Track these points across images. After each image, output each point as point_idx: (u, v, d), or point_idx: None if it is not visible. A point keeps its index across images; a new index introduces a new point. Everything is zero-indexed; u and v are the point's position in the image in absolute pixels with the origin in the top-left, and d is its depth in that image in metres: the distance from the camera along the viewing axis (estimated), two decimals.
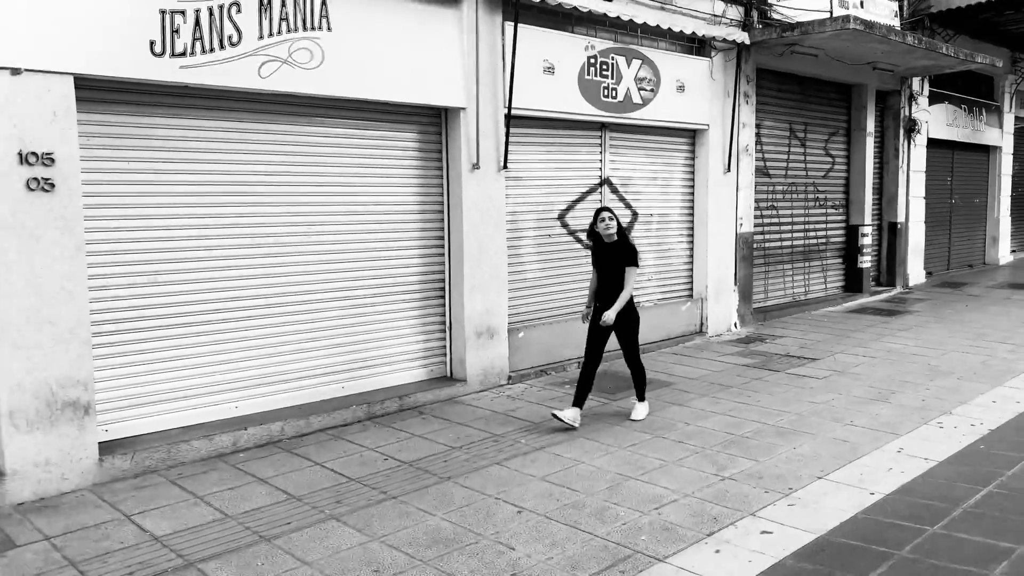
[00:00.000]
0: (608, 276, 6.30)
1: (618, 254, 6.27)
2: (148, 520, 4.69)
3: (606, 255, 6.31)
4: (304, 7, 5.99)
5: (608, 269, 6.30)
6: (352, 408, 6.50)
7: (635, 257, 6.32)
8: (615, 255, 6.27)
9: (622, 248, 6.28)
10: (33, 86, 4.86)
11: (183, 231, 5.82)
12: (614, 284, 6.27)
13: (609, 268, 6.30)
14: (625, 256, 6.27)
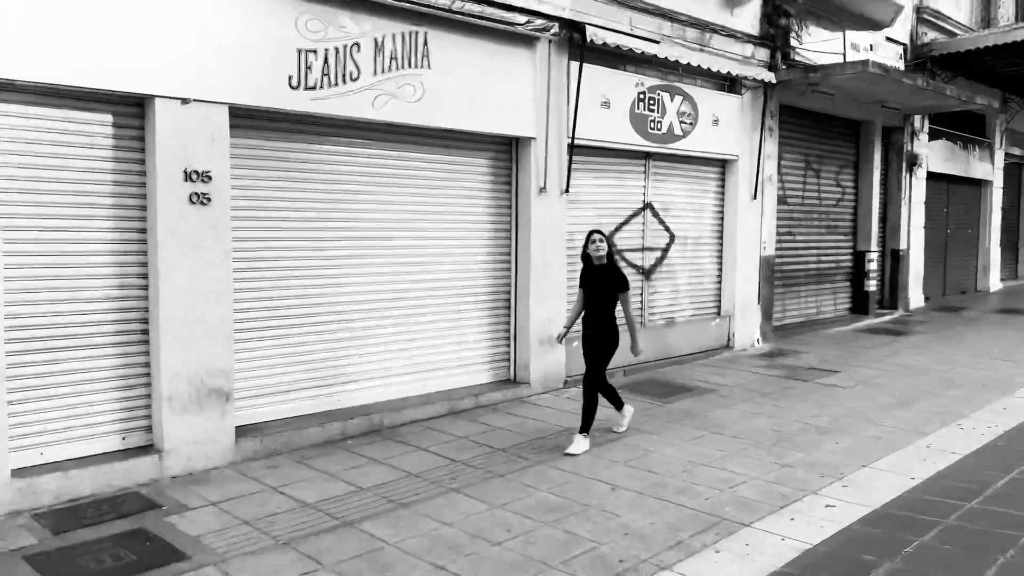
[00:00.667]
0: (596, 298, 6.43)
1: (607, 278, 6.41)
2: (294, 491, 5.41)
3: (595, 277, 6.46)
4: (410, 48, 6.81)
5: (596, 291, 6.43)
6: (436, 404, 7.25)
7: (624, 282, 6.46)
8: (604, 278, 6.41)
9: (611, 272, 6.42)
10: (197, 114, 5.63)
11: (309, 242, 6.59)
12: (602, 306, 6.42)
13: (598, 290, 6.43)
14: (615, 281, 6.41)
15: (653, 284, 9.74)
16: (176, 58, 5.49)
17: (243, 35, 5.80)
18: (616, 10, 8.58)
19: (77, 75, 5.10)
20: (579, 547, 4.53)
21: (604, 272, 6.42)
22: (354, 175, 6.87)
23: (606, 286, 6.39)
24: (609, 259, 6.45)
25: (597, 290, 6.43)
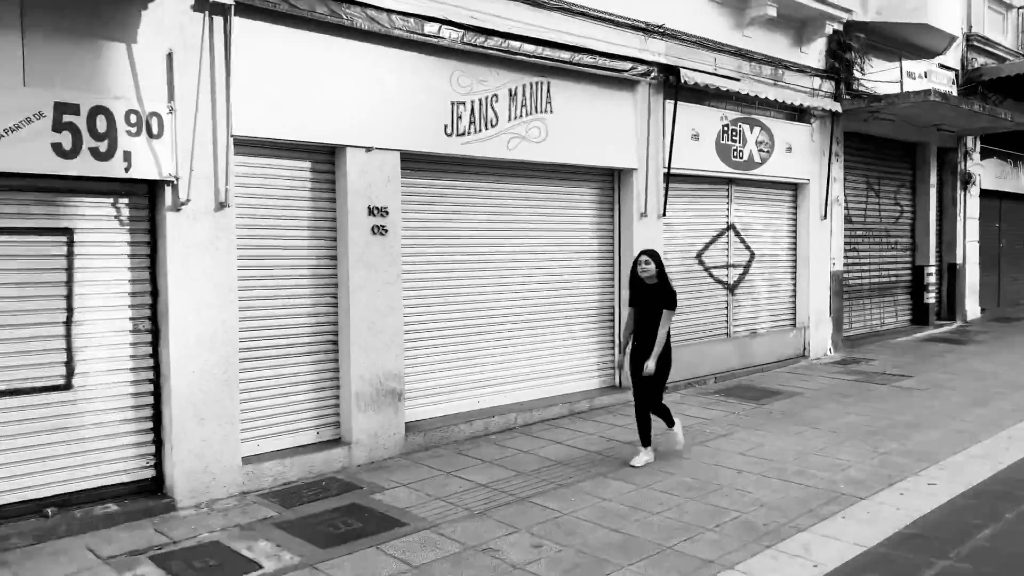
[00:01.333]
0: (645, 317, 6.51)
1: (656, 296, 6.46)
2: (466, 475, 6.39)
3: (645, 296, 6.53)
4: (537, 96, 7.85)
5: (646, 310, 6.51)
6: (558, 406, 8.21)
7: (672, 300, 6.48)
8: (653, 297, 6.47)
9: (661, 291, 6.47)
10: (377, 159, 6.70)
11: (460, 264, 7.63)
12: (651, 325, 6.46)
13: (647, 309, 6.50)
14: (663, 299, 6.45)
15: (737, 298, 10.64)
16: (361, 114, 6.56)
17: (410, 92, 6.87)
18: (703, 53, 9.56)
19: (289, 131, 6.19)
20: (724, 515, 5.44)
21: (654, 291, 6.48)
22: (492, 206, 7.91)
23: (657, 304, 6.44)
24: (660, 278, 6.50)
25: (648, 309, 6.49)
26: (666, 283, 6.53)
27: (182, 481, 5.68)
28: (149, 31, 5.47)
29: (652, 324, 6.44)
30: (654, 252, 6.60)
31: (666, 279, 6.57)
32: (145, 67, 5.45)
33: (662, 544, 4.96)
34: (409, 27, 6.70)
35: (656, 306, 6.43)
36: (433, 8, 6.89)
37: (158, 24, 5.50)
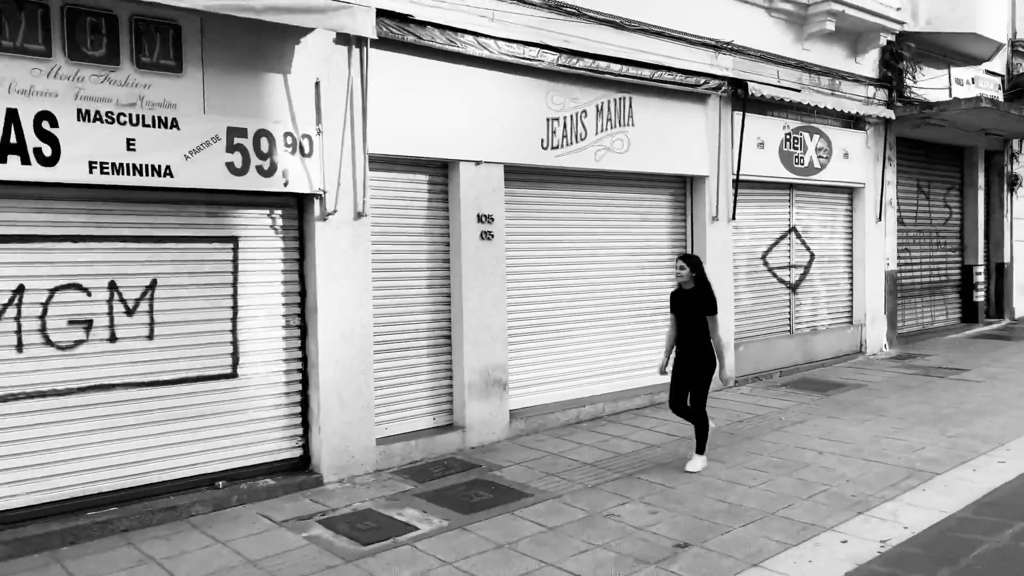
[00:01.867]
0: (686, 322, 6.50)
1: (696, 301, 6.45)
2: (571, 455, 7.07)
3: (684, 302, 6.53)
4: (621, 111, 8.53)
5: (686, 316, 6.50)
6: (640, 397, 8.86)
7: (712, 306, 6.43)
8: (693, 302, 6.47)
9: (700, 296, 6.44)
10: (485, 172, 7.42)
11: (554, 265, 8.33)
12: (692, 330, 6.46)
13: (687, 315, 6.50)
14: (703, 304, 6.42)
15: (798, 297, 11.22)
16: (470, 131, 7.29)
17: (512, 111, 7.59)
18: (766, 66, 10.17)
19: (410, 148, 6.93)
20: (814, 489, 6.06)
21: (694, 296, 6.47)
22: (581, 212, 8.60)
23: (695, 310, 6.44)
24: (699, 283, 6.47)
25: (686, 314, 6.49)
26: (705, 288, 6.45)
27: (327, 459, 6.43)
28: (301, 63, 6.24)
29: (691, 329, 6.44)
30: (690, 257, 6.60)
31: (705, 284, 6.47)
32: (298, 94, 6.22)
33: (764, 511, 5.59)
34: (512, 52, 7.41)
35: (694, 312, 6.42)
36: (532, 34, 7.60)
37: (308, 56, 6.27)
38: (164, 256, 5.83)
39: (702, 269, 6.53)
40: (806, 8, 10.55)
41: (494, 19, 7.35)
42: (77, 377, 5.48)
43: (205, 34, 5.75)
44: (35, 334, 5.33)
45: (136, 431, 5.72)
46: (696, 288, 6.46)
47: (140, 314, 5.73)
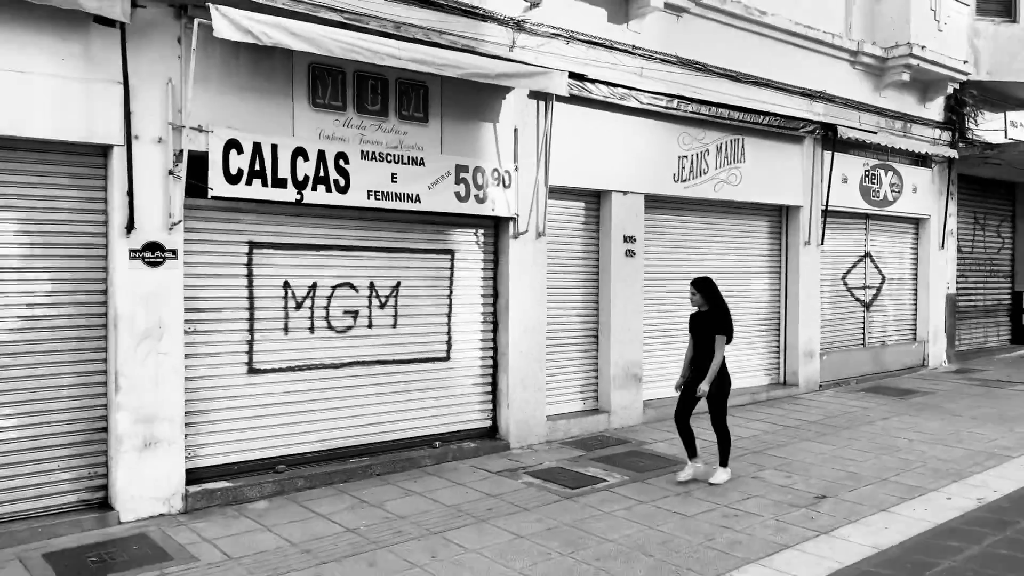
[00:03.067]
0: (699, 343, 6.84)
1: (708, 322, 6.76)
2: (703, 437, 8.53)
3: (700, 323, 6.87)
4: (735, 150, 10.08)
5: (700, 337, 6.84)
6: (744, 396, 10.34)
7: (721, 325, 6.68)
8: (706, 323, 6.79)
9: (712, 317, 6.75)
10: (629, 200, 9.00)
11: (680, 279, 9.84)
12: (705, 351, 6.78)
13: (701, 336, 6.83)
14: (714, 325, 6.72)
15: (871, 314, 12.65)
16: (618, 167, 8.87)
17: (651, 150, 9.17)
18: (850, 112, 11.68)
19: (574, 180, 8.52)
20: (912, 464, 7.51)
21: (707, 318, 6.79)
22: (701, 234, 10.16)
23: (708, 330, 6.76)
24: (713, 306, 6.78)
25: (701, 335, 6.84)
26: (718, 310, 6.75)
27: (513, 429, 7.99)
28: (505, 114, 7.87)
29: (705, 351, 6.76)
30: (701, 281, 6.87)
31: (719, 306, 6.77)
32: (502, 139, 7.84)
33: (877, 477, 7.06)
34: (653, 102, 8.99)
35: (707, 332, 6.75)
36: (669, 87, 9.18)
37: (510, 109, 7.90)
38: (406, 263, 7.46)
39: (715, 293, 6.82)
40: (884, 61, 12.05)
41: (642, 75, 8.95)
42: (347, 354, 7.12)
43: (444, 93, 7.40)
44: (322, 320, 6.97)
45: (382, 398, 7.34)
46: (710, 310, 6.78)
47: (389, 307, 7.37)
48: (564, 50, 8.21)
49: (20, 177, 5.54)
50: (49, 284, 5.66)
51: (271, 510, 6.14)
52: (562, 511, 6.17)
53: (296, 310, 6.85)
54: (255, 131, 6.29)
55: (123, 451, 5.79)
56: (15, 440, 5.56)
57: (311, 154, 6.54)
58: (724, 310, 6.81)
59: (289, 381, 6.81)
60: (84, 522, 5.63)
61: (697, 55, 9.53)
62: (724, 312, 6.80)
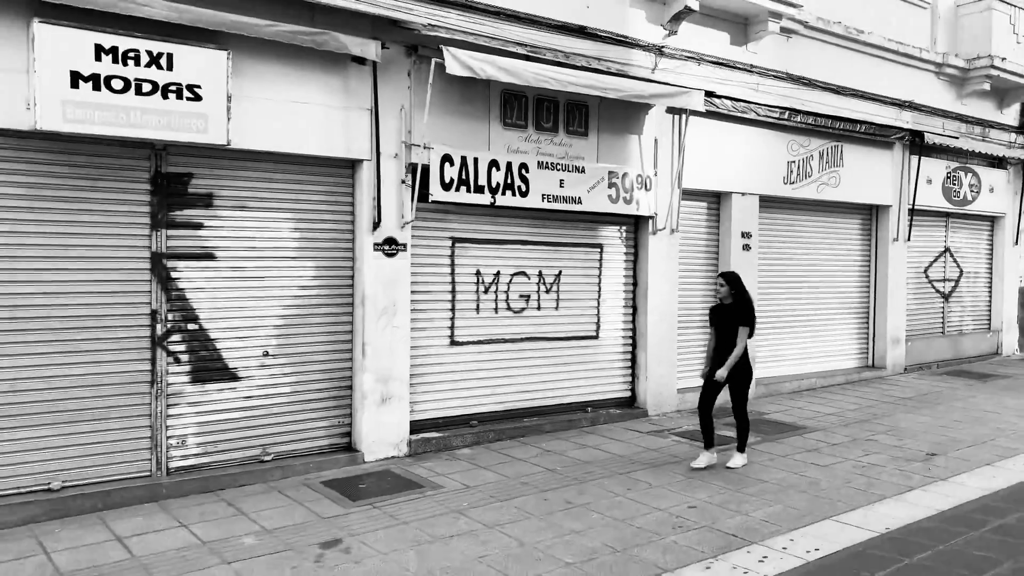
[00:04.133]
0: (723, 334, 7.05)
1: (732, 314, 6.95)
2: (811, 407, 9.77)
3: (723, 315, 7.07)
4: (835, 155, 11.23)
5: (723, 328, 7.05)
6: (837, 376, 11.51)
7: (746, 317, 6.88)
8: (730, 315, 6.98)
9: (736, 309, 6.95)
10: (746, 200, 10.22)
11: (787, 270, 11.06)
12: (728, 342, 6.97)
13: (724, 327, 7.04)
14: (738, 316, 6.91)
15: (950, 305, 13.70)
16: (736, 171, 10.10)
17: (765, 156, 10.38)
18: (935, 119, 12.72)
19: (699, 183, 9.77)
20: (1005, 432, 8.64)
21: (731, 310, 7.01)
22: (804, 231, 11.35)
23: (733, 322, 6.97)
24: (737, 298, 6.99)
25: (724, 326, 7.06)
26: (743, 302, 6.96)
27: (649, 399, 9.29)
28: (647, 127, 9.15)
29: (730, 341, 6.97)
30: (729, 274, 7.15)
31: (743, 299, 6.98)
32: (644, 148, 9.13)
33: (976, 441, 8.22)
34: (767, 114, 10.18)
35: (732, 324, 6.98)
36: (780, 100, 10.37)
37: (651, 122, 9.17)
38: (566, 255, 8.80)
39: (741, 285, 7.05)
40: (966, 72, 13.05)
41: (758, 90, 10.15)
42: (522, 331, 8.49)
43: (600, 111, 8.71)
44: (503, 302, 8.35)
45: (547, 368, 8.69)
46: (734, 303, 6.99)
47: (552, 293, 8.71)
48: (695, 70, 9.45)
49: (295, 185, 6.98)
50: (313, 270, 7.11)
51: (476, 455, 7.53)
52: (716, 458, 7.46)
53: (484, 293, 8.23)
54: (462, 147, 7.66)
55: (367, 404, 7.22)
56: (288, 395, 7.02)
57: (502, 165, 7.89)
58: (748, 303, 7.01)
59: (479, 352, 8.20)
60: (339, 460, 7.08)
61: (803, 71, 10.70)
62: (748, 305, 6.99)
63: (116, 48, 5.72)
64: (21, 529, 5.55)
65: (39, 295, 5.88)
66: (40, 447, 5.89)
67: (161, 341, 6.36)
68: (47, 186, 5.90)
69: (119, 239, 6.18)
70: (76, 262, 6.01)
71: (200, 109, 6.06)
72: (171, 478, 6.35)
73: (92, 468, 6.09)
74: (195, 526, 5.65)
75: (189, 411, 6.52)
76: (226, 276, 6.67)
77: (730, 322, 6.96)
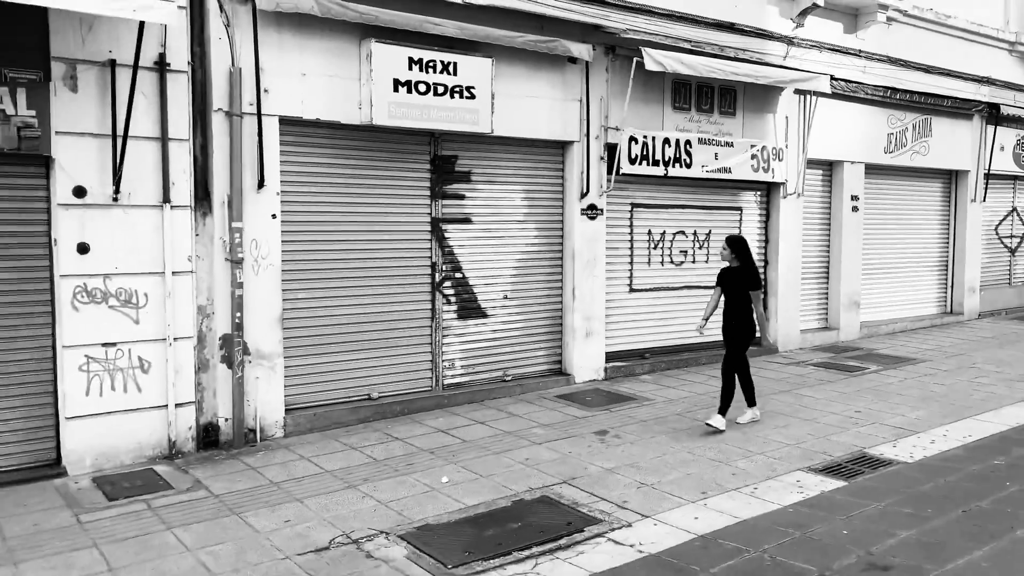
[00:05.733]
0: (730, 295, 7.29)
1: (741, 278, 7.22)
2: (913, 344, 11.46)
3: (730, 278, 7.30)
4: (924, 127, 12.79)
5: (731, 290, 7.29)
6: (925, 320, 13.21)
7: (756, 282, 7.17)
8: (738, 279, 7.24)
9: (744, 273, 7.21)
10: (855, 168, 11.85)
11: (884, 227, 12.70)
12: (734, 302, 7.24)
13: (732, 290, 7.28)
14: (747, 280, 7.16)
15: (1016, 258, 15.31)
16: (846, 142, 11.71)
17: (868, 129, 11.97)
18: (1008, 92, 14.21)
19: (817, 153, 11.38)
20: None
21: (738, 273, 7.26)
22: (897, 193, 12.97)
23: (738, 285, 7.23)
24: (744, 262, 7.23)
25: (730, 288, 7.30)
26: (750, 266, 7.23)
27: (780, 338, 11.03)
28: (780, 107, 10.76)
29: (735, 302, 7.23)
30: (734, 239, 7.36)
31: (749, 263, 7.23)
32: (777, 125, 10.75)
33: None
34: (871, 92, 11.75)
35: (739, 287, 7.22)
36: (881, 80, 11.92)
37: (783, 102, 10.78)
38: (713, 217, 10.50)
39: (747, 251, 7.26)
40: None
41: (865, 72, 11.71)
42: (681, 280, 10.23)
43: (744, 94, 10.33)
44: (667, 256, 10.09)
45: (698, 312, 10.36)
46: (740, 267, 7.23)
47: (703, 248, 10.43)
48: (817, 57, 11.02)
49: (524, 163, 8.70)
50: (535, 230, 8.85)
51: (656, 380, 9.32)
52: (855, 380, 9.23)
53: (654, 249, 9.96)
54: (643, 128, 9.33)
55: (575, 338, 8.99)
56: (520, 329, 8.81)
57: (672, 142, 9.55)
58: (754, 267, 7.27)
59: (650, 298, 9.95)
60: (558, 381, 8.89)
61: (901, 54, 12.22)
62: (755, 269, 7.27)
63: (421, 59, 7.43)
64: (360, 425, 7.39)
65: (361, 250, 7.66)
66: (363, 367, 7.72)
67: (438, 286, 8.15)
68: (366, 167, 7.66)
69: (412, 207, 7.95)
70: (385, 224, 7.79)
71: (473, 105, 7.77)
72: (445, 392, 8.17)
73: (395, 383, 7.93)
74: (489, 423, 7.47)
75: (455, 340, 8.33)
76: (479, 236, 8.43)
77: (739, 285, 7.24)
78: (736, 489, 5.72)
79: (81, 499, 5.57)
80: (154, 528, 5.09)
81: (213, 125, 6.61)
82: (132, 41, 6.01)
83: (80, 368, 6.07)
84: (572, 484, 5.84)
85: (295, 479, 6.00)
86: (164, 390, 6.40)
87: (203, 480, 5.95)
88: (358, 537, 4.95)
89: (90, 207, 6.06)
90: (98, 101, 6.03)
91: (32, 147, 5.81)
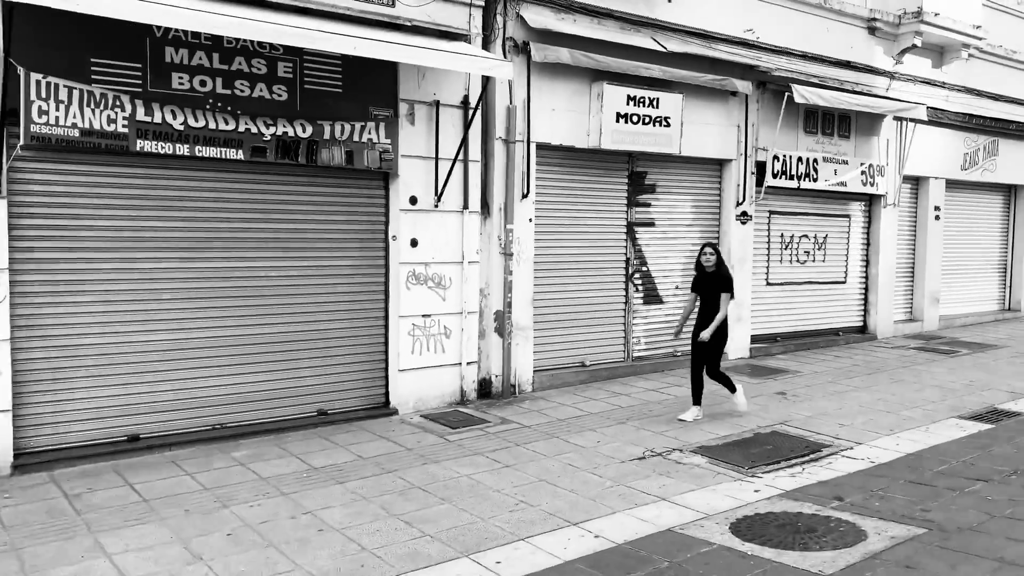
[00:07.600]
0: (707, 298, 7.68)
1: (715, 282, 7.60)
2: (989, 334, 13.37)
3: (706, 282, 7.70)
4: (992, 147, 14.72)
5: (707, 293, 7.66)
6: (989, 316, 15.13)
7: (729, 285, 7.58)
8: (713, 283, 7.63)
9: (719, 277, 7.61)
10: (938, 183, 13.78)
11: (959, 235, 14.62)
12: (711, 307, 7.63)
13: (707, 293, 7.65)
14: (721, 284, 7.59)
15: None
16: (931, 161, 13.64)
17: (947, 149, 13.92)
18: None
19: (908, 171, 13.32)
20: None
21: (714, 278, 7.64)
22: (968, 205, 14.91)
23: (715, 289, 7.61)
24: (719, 266, 7.66)
25: (708, 292, 7.69)
26: (725, 271, 7.72)
27: (879, 328, 12.97)
28: (883, 130, 12.69)
29: (710, 306, 7.66)
30: (715, 245, 8.25)
31: (724, 268, 7.71)
32: (879, 146, 12.68)
33: None
34: (952, 118, 13.68)
35: (715, 290, 7.65)
36: (960, 107, 13.85)
37: (884, 127, 12.71)
38: (829, 223, 12.45)
39: (721, 256, 7.82)
40: None
41: (947, 101, 13.65)
42: (804, 277, 12.18)
43: (857, 119, 12.27)
44: (794, 256, 12.03)
45: (816, 303, 12.36)
46: (716, 272, 7.66)
47: (821, 250, 12.37)
48: (912, 89, 12.96)
49: (694, 178, 10.66)
50: (698, 233, 10.79)
51: (788, 359, 11.23)
52: (955, 360, 11.16)
53: (784, 250, 11.91)
54: (782, 148, 11.26)
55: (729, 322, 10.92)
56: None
57: (803, 160, 11.48)
58: (728, 272, 7.76)
59: (781, 290, 11.90)
60: None
61: (976, 84, 14.16)
62: (728, 274, 7.74)
63: (635, 96, 9.36)
64: (581, 385, 9.30)
65: (579, 247, 9.59)
66: (579, 340, 9.66)
67: (630, 277, 10.09)
68: (584, 181, 9.59)
69: (613, 213, 9.89)
70: (595, 227, 9.74)
71: (668, 132, 9.71)
72: (634, 363, 10.10)
73: (599, 353, 9.87)
74: (683, 386, 9.37)
75: (641, 322, 10.26)
76: (659, 236, 10.37)
77: (713, 288, 7.67)
78: (914, 428, 7.62)
79: (431, 428, 7.50)
80: (505, 445, 7.01)
81: (495, 150, 8.55)
82: (449, 86, 7.96)
83: (408, 333, 8.01)
84: (788, 425, 7.76)
85: (573, 417, 7.93)
86: (459, 351, 8.34)
87: (505, 417, 7.88)
88: (660, 451, 6.87)
89: (420, 212, 8.00)
90: (426, 132, 7.97)
91: (388, 167, 7.76)
